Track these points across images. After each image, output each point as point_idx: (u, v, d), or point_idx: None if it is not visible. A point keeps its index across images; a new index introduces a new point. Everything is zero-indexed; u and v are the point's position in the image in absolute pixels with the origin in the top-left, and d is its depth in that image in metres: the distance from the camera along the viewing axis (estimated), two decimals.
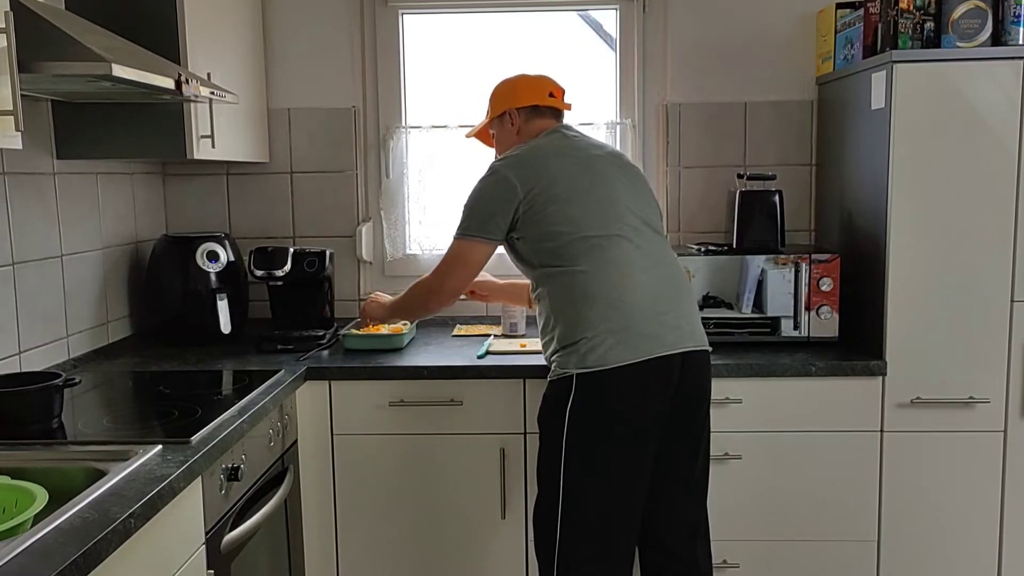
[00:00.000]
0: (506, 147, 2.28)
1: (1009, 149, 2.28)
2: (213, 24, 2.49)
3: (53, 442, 1.78)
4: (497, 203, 2.11)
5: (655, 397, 1.99)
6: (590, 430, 1.99)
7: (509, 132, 2.32)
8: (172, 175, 3.01)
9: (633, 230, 2.07)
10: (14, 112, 1.51)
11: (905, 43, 2.32)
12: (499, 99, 2.35)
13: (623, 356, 1.96)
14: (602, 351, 1.96)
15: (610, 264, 2.02)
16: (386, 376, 2.40)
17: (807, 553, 2.45)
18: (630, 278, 2.02)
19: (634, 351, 1.96)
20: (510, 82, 2.36)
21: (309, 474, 2.42)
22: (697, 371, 2.05)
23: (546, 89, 2.31)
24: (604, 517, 2.02)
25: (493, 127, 2.38)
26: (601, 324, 1.98)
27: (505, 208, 2.10)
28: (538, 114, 2.29)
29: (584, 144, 2.21)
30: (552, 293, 2.08)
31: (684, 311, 2.07)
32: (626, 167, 2.20)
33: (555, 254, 2.06)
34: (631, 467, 2.01)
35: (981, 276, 2.32)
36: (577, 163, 2.13)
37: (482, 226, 2.13)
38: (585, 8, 3.01)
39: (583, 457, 2.00)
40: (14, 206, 2.17)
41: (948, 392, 2.37)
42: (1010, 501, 2.40)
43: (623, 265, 2.03)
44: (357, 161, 3.01)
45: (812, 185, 2.95)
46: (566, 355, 2.02)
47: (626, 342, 1.96)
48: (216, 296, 2.66)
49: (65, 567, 1.19)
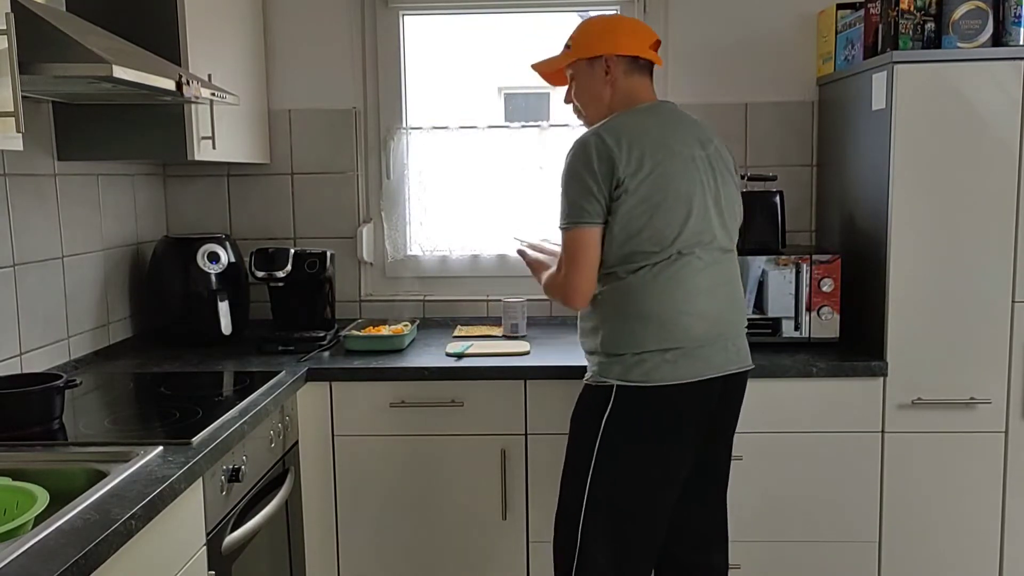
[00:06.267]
0: (593, 99, 2.04)
1: (1010, 149, 2.28)
2: (214, 25, 2.49)
3: (54, 443, 1.78)
4: (596, 179, 1.89)
5: (694, 418, 1.96)
6: (624, 442, 1.95)
7: (600, 83, 2.03)
8: (173, 176, 3.01)
9: (707, 249, 1.94)
10: (15, 113, 1.51)
11: (906, 44, 2.31)
12: (594, 38, 2.03)
13: (668, 376, 1.90)
14: (647, 368, 1.90)
15: (674, 284, 1.91)
16: (387, 377, 2.40)
17: (808, 554, 2.45)
18: (691, 303, 1.92)
19: (680, 372, 1.91)
20: (608, 21, 2.08)
21: (310, 475, 2.42)
22: (735, 391, 2.04)
23: (649, 39, 2.05)
24: (627, 524, 1.99)
25: (577, 70, 2.06)
26: (652, 343, 1.91)
27: (603, 185, 1.89)
28: (636, 68, 2.03)
29: (691, 138, 1.97)
30: (607, 298, 1.96)
31: (738, 332, 2.02)
32: (723, 171, 2.01)
33: (624, 259, 1.92)
34: (660, 480, 1.99)
35: (982, 277, 2.32)
36: (678, 162, 1.92)
37: (582, 210, 1.90)
38: (585, 8, 3.00)
39: (613, 466, 1.95)
40: (15, 207, 2.17)
41: (949, 393, 2.37)
42: (1011, 502, 2.40)
43: (687, 286, 1.92)
44: (358, 162, 3.01)
45: (813, 186, 2.95)
46: (609, 363, 1.95)
47: (673, 362, 1.90)
48: (217, 297, 2.65)
49: (66, 568, 1.19)
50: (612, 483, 1.96)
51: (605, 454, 1.95)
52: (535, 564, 2.46)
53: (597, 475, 1.96)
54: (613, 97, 2.03)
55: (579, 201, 1.91)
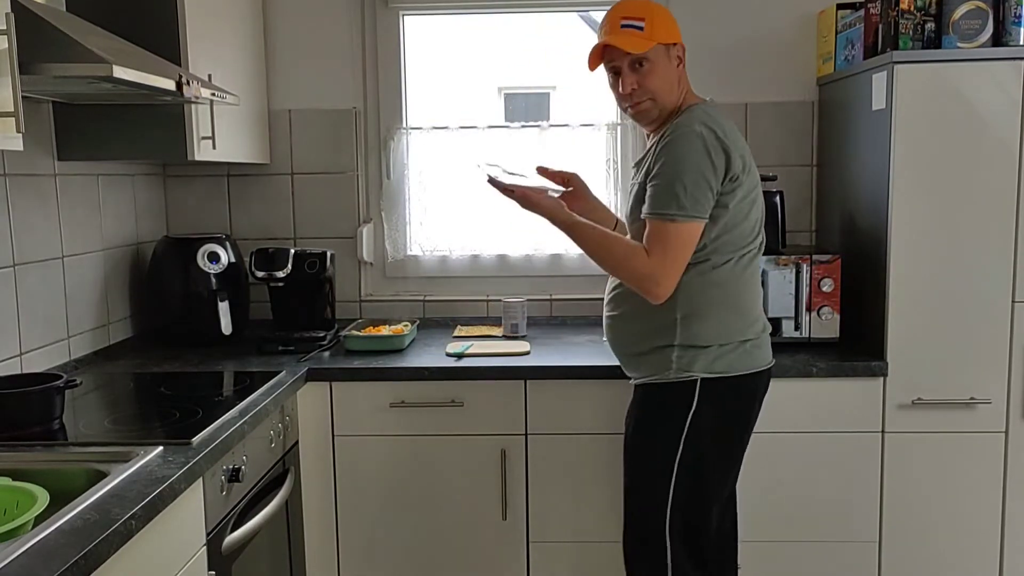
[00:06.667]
0: (668, 88, 1.96)
1: (1010, 149, 2.28)
2: (214, 25, 2.49)
3: (54, 443, 1.78)
4: (715, 172, 1.87)
5: (759, 404, 2.04)
6: (709, 436, 1.95)
7: (670, 72, 1.97)
8: (173, 176, 3.01)
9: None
10: (15, 113, 1.51)
11: (906, 44, 2.31)
12: (671, 24, 1.96)
13: (749, 364, 1.97)
14: (730, 359, 1.94)
15: (755, 276, 2.03)
16: (387, 377, 2.40)
17: (808, 554, 2.45)
18: (758, 291, 2.04)
19: (757, 360, 1.99)
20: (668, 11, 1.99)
21: (310, 475, 2.42)
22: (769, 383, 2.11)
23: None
24: (705, 522, 2.00)
25: (657, 55, 1.94)
26: (737, 335, 1.95)
27: (719, 179, 1.87)
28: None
29: None
30: (693, 289, 1.93)
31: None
32: None
33: (715, 251, 1.93)
34: (732, 469, 2.04)
35: (982, 276, 2.32)
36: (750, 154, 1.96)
37: (697, 203, 1.86)
38: (585, 8, 3.00)
39: (697, 464, 1.95)
40: (15, 208, 2.17)
41: (949, 393, 2.37)
42: (1011, 502, 2.40)
43: (759, 279, 2.05)
44: (358, 162, 3.01)
45: (813, 186, 2.95)
46: (691, 356, 1.93)
47: (750, 351, 1.97)
48: (217, 297, 2.66)
49: (66, 568, 1.20)
50: (696, 477, 1.96)
51: (689, 454, 1.94)
52: (535, 564, 2.46)
53: (681, 479, 1.95)
54: (681, 88, 2.00)
55: (695, 193, 1.85)
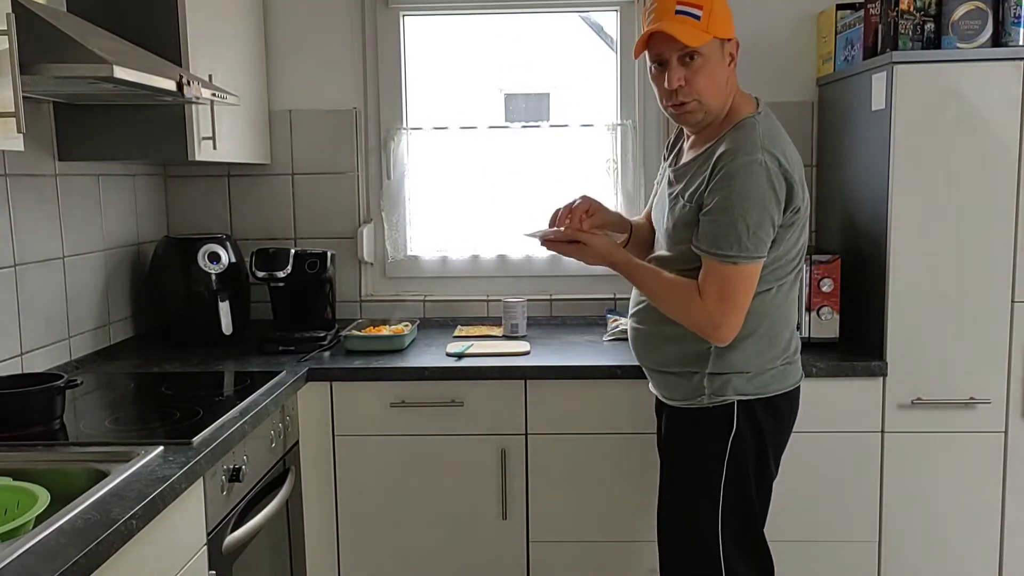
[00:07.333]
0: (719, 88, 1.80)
1: (1010, 150, 2.28)
2: (214, 26, 2.50)
3: (55, 443, 1.78)
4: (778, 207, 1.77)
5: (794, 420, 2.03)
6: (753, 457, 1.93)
7: (721, 72, 1.79)
8: (174, 176, 3.02)
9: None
10: (16, 114, 1.52)
11: (905, 44, 2.32)
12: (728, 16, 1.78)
13: (784, 383, 1.94)
14: (766, 379, 1.91)
15: (795, 298, 1.96)
16: (387, 377, 2.40)
17: (808, 554, 2.45)
18: (795, 315, 1.98)
19: (792, 379, 1.97)
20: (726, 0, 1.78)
21: (310, 475, 2.42)
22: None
23: None
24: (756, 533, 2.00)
25: (712, 50, 1.76)
26: (769, 362, 1.91)
27: (781, 214, 1.78)
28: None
29: None
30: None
31: None
32: None
33: (763, 280, 1.84)
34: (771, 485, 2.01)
35: (982, 277, 2.32)
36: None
37: (760, 243, 1.77)
38: (586, 9, 3.01)
39: (744, 487, 1.93)
40: (16, 208, 2.17)
41: (949, 393, 2.37)
42: (1011, 502, 2.40)
43: (795, 300, 1.98)
44: (358, 162, 3.01)
45: (813, 186, 2.95)
46: (721, 381, 1.89)
47: (783, 369, 1.94)
48: (218, 297, 2.66)
49: (67, 568, 1.20)
50: (742, 497, 1.94)
51: (734, 474, 1.92)
52: (535, 564, 2.47)
53: (729, 499, 1.92)
54: (729, 90, 1.83)
55: (758, 232, 1.75)
